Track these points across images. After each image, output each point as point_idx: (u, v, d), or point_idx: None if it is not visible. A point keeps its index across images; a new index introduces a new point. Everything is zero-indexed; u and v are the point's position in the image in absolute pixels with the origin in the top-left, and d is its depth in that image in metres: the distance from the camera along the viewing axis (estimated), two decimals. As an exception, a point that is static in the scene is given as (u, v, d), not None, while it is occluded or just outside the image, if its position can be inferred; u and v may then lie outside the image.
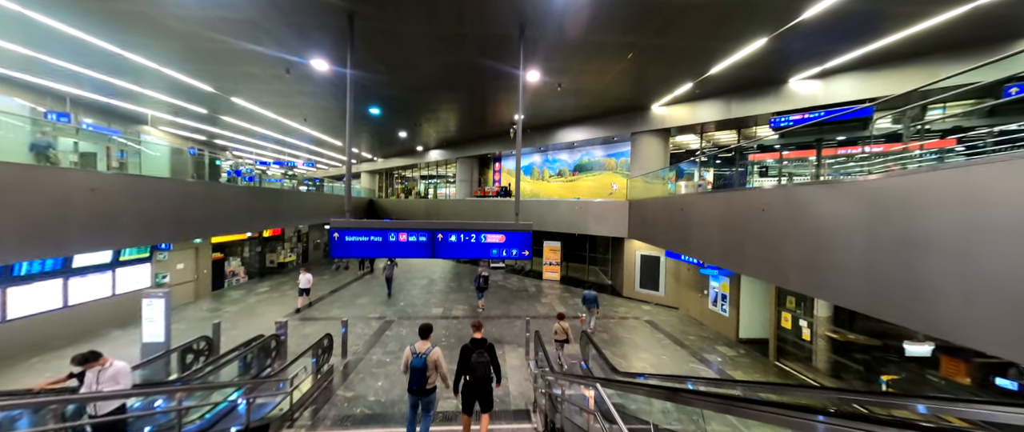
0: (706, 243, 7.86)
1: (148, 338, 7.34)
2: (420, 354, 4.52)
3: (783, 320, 8.83)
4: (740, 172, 11.24)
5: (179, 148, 23.14)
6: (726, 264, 7.08)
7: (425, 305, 13.43)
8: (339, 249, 7.78)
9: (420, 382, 4.46)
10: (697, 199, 8.38)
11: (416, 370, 4.43)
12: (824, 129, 10.75)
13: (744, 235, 6.40)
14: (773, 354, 8.96)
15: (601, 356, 7.15)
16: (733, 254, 6.75)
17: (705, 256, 7.92)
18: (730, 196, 7.01)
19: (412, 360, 4.49)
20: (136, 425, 4.90)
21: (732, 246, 6.77)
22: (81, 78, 12.17)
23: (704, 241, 7.96)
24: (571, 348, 9.56)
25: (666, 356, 9.14)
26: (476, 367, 4.51)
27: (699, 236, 8.21)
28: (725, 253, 7.06)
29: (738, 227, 6.61)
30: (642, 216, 13.01)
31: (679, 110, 13.61)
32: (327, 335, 8.01)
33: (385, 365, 8.37)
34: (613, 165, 17.81)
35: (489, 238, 8.10)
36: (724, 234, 7.09)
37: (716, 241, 7.41)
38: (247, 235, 17.32)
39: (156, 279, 11.98)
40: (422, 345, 4.63)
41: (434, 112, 16.21)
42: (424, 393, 4.54)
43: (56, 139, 10.35)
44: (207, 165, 20.16)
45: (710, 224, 7.68)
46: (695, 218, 8.42)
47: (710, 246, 7.67)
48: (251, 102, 14.43)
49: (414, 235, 8.03)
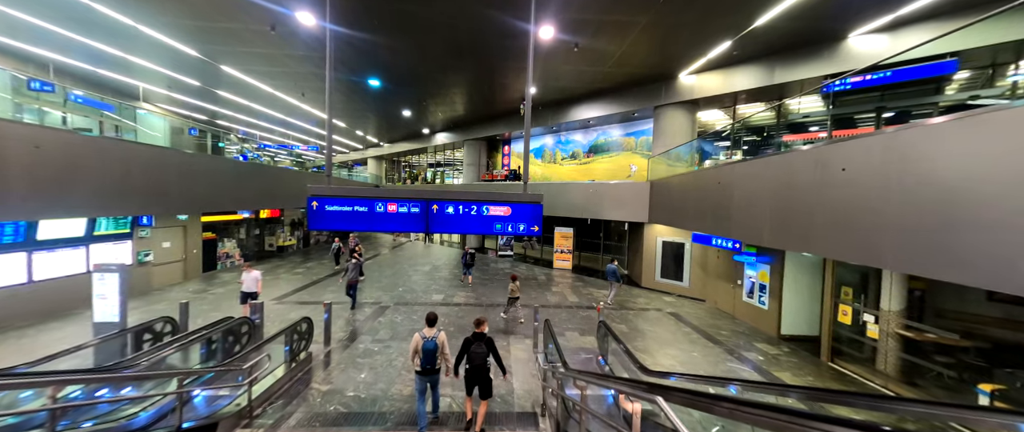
0: (753, 221, 6.51)
1: (100, 317, 6.42)
2: (429, 338, 4.91)
3: (840, 314, 7.44)
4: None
5: (179, 128, 22.58)
6: (784, 243, 5.74)
7: (425, 291, 12.38)
8: (318, 220, 6.69)
9: (431, 363, 4.87)
10: (742, 169, 7.01)
11: (428, 352, 4.84)
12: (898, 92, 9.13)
13: (811, 205, 5.04)
14: (826, 353, 7.59)
15: (628, 354, 5.91)
16: (794, 231, 5.40)
17: (752, 236, 6.58)
18: (789, 159, 5.65)
19: (424, 343, 4.86)
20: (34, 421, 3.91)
21: (793, 221, 5.42)
22: (52, 37, 11.30)
23: (750, 219, 6.61)
24: (582, 340, 8.36)
25: (697, 353, 7.86)
26: (474, 357, 4.89)
27: (744, 214, 6.85)
28: (782, 231, 5.71)
29: (801, 196, 5.25)
30: (666, 197, 11.63)
31: (711, 78, 12.09)
32: (305, 319, 6.97)
33: (372, 355, 7.31)
34: (632, 145, 16.38)
35: (492, 211, 6.91)
36: (780, 207, 5.74)
37: (768, 217, 6.06)
38: (242, 215, 16.52)
39: (138, 257, 11.18)
40: (429, 331, 4.99)
41: (438, 85, 14.99)
42: (433, 373, 4.93)
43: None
44: (210, 148, 19.52)
45: (760, 197, 6.33)
46: (738, 193, 7.05)
47: (759, 224, 6.32)
48: (241, 70, 13.44)
49: (405, 205, 6.88)
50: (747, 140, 12.63)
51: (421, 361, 4.82)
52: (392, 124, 24.26)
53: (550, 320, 7.42)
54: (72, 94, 13.97)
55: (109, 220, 10.35)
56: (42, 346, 7.00)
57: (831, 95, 10.43)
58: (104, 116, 15.33)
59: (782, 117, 11.66)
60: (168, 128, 21.63)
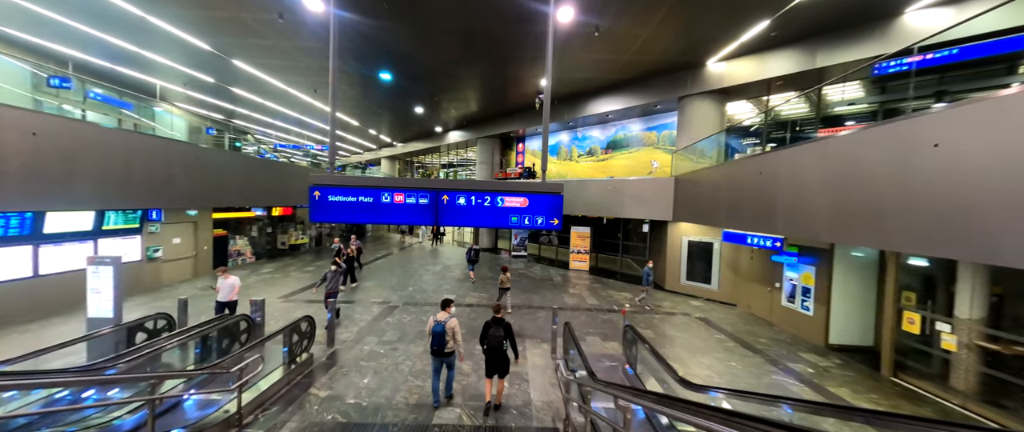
0: (805, 215, 5.70)
1: (94, 313, 6.09)
2: (440, 322, 5.14)
3: (905, 322, 6.51)
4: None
5: (197, 127, 22.83)
6: (848, 238, 4.93)
7: (436, 291, 11.85)
8: (320, 211, 6.21)
9: (441, 344, 5.11)
10: (791, 156, 6.19)
11: (437, 335, 5.10)
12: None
13: (887, 192, 4.24)
14: (888, 367, 6.66)
15: (664, 365, 5.16)
16: (863, 225, 4.60)
17: (805, 232, 5.76)
18: (856, 140, 4.83)
19: (433, 326, 5.14)
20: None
21: (862, 212, 4.61)
22: (67, 31, 11.27)
23: (802, 213, 5.79)
24: (604, 346, 7.63)
25: (735, 363, 7.04)
26: (491, 340, 5.14)
27: (793, 207, 6.04)
28: (844, 225, 4.91)
29: (873, 183, 4.45)
30: (694, 193, 10.79)
31: (742, 65, 11.22)
32: (306, 318, 6.49)
33: (377, 357, 6.77)
34: (653, 139, 15.54)
35: (508, 202, 6.33)
36: (843, 197, 4.93)
37: (825, 210, 5.25)
38: (255, 213, 16.39)
39: (147, 253, 11.01)
40: (442, 315, 5.21)
41: (450, 78, 14.52)
42: (444, 355, 5.17)
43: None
44: (227, 147, 19.58)
45: (815, 187, 5.52)
46: (786, 183, 6.24)
47: (813, 218, 5.51)
48: (253, 65, 13.26)
49: (413, 195, 6.36)
50: (775, 136, 11.69)
51: (432, 343, 5.16)
52: (405, 122, 24.00)
53: (569, 324, 6.73)
54: (91, 91, 14.06)
55: (118, 214, 10.19)
56: (43, 342, 6.72)
57: (880, 80, 9.44)
58: (123, 114, 15.48)
59: (816, 107, 10.69)
60: (186, 127, 22.04)
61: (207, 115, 22.71)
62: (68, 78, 11.96)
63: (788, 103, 11.16)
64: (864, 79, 10.07)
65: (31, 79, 11.44)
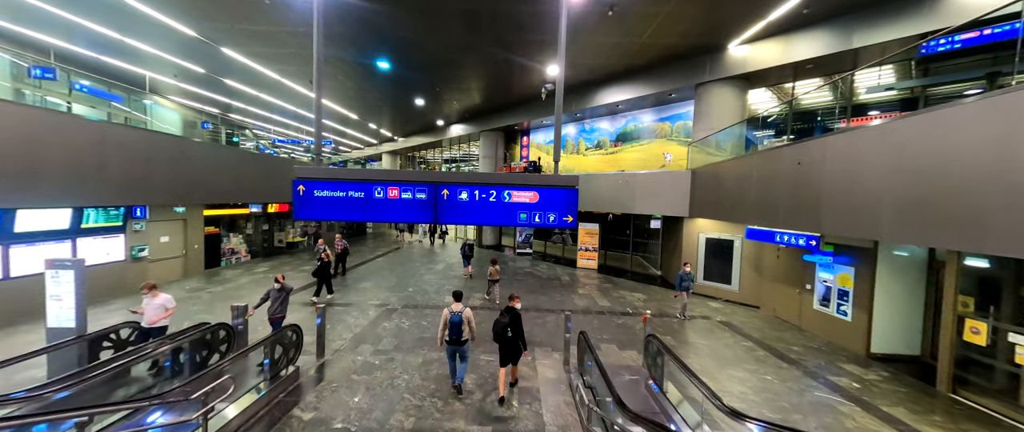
0: (860, 210, 4.92)
1: (54, 322, 5.44)
2: (456, 312, 5.32)
3: (967, 331, 5.73)
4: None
5: (192, 121, 22.17)
6: (928, 240, 4.16)
7: (438, 292, 11.17)
8: (305, 208, 5.53)
9: (458, 334, 5.30)
10: (840, 142, 5.40)
11: (455, 324, 5.28)
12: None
13: (992, 181, 3.47)
14: (946, 381, 5.90)
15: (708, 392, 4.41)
16: (947, 221, 3.83)
17: (861, 229, 4.99)
18: (945, 118, 4.04)
19: (451, 317, 5.29)
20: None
21: (947, 206, 3.84)
22: (47, 17, 10.58)
23: (856, 207, 5.02)
24: (622, 356, 6.92)
25: (771, 376, 6.31)
26: (496, 325, 5.34)
27: (843, 201, 5.26)
28: (917, 222, 4.14)
29: (967, 167, 3.68)
30: (714, 187, 10.00)
31: (767, 48, 10.35)
32: (292, 326, 5.82)
33: (371, 370, 6.10)
34: (667, 131, 14.70)
35: (516, 197, 5.62)
36: (917, 188, 4.16)
37: (891, 203, 4.48)
38: (251, 209, 15.75)
39: (132, 252, 10.40)
40: (457, 306, 5.39)
41: (452, 66, 13.72)
42: (460, 344, 5.34)
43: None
44: (224, 143, 18.90)
45: (873, 177, 4.74)
46: (834, 174, 5.46)
47: (872, 214, 4.74)
48: (243, 53, 12.53)
49: (409, 190, 5.67)
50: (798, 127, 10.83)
51: (449, 332, 5.32)
52: (406, 116, 23.26)
53: (586, 334, 6.02)
54: (77, 83, 13.37)
55: (98, 211, 9.56)
56: (3, 354, 6.12)
57: (924, 61, 8.58)
58: (113, 107, 14.80)
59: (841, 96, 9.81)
60: (181, 121, 21.39)
61: (203, 109, 22.08)
62: (51, 68, 11.26)
63: (834, 84, 10.28)
64: (901, 62, 9.22)
65: (10, 69, 10.79)
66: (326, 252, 10.07)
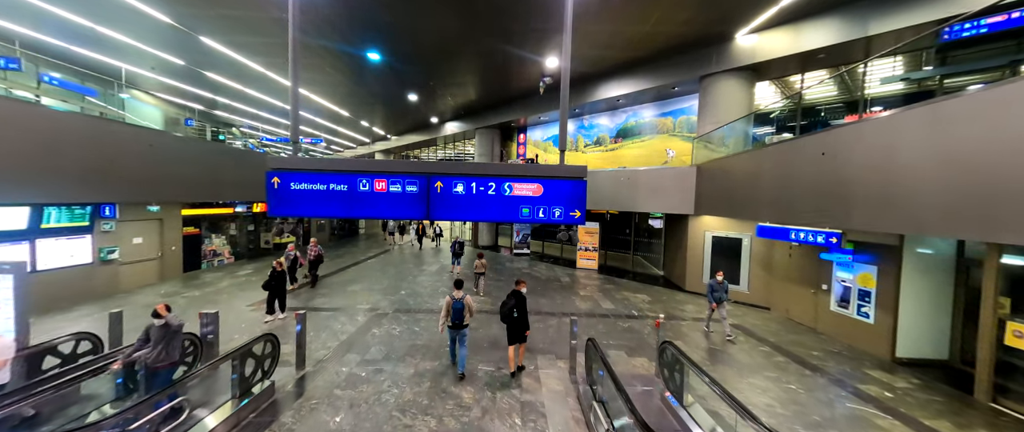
0: (903, 201, 4.42)
1: (-11, 334, 4.76)
2: (458, 299, 5.70)
3: (1009, 335, 5.27)
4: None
5: (174, 118, 21.26)
6: (983, 233, 3.66)
7: (432, 295, 10.55)
8: (281, 203, 4.95)
9: (460, 319, 5.72)
10: (883, 127, 4.90)
11: (457, 310, 5.68)
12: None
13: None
14: (985, 390, 5.43)
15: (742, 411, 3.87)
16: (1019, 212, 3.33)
17: (906, 224, 4.49)
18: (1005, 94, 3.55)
19: (454, 303, 5.67)
20: None
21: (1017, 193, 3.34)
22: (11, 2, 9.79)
23: (898, 198, 4.52)
24: (631, 363, 6.38)
25: (794, 384, 5.80)
26: (503, 307, 5.83)
27: (878, 192, 4.77)
28: (977, 215, 3.64)
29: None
30: (722, 183, 9.52)
31: (777, 37, 9.91)
32: (267, 337, 5.19)
33: (357, 384, 5.48)
34: (669, 126, 14.24)
35: (517, 190, 5.07)
36: (977, 174, 3.66)
37: (941, 194, 3.98)
38: (235, 209, 14.99)
39: (100, 254, 9.64)
40: (458, 294, 5.73)
41: (446, 56, 13.12)
42: (461, 327, 5.77)
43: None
44: (210, 140, 18.06)
45: (922, 164, 4.25)
46: (871, 161, 4.96)
47: (920, 206, 4.24)
48: (222, 42, 11.82)
49: (399, 182, 5.10)
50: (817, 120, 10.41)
51: (451, 318, 5.69)
52: (399, 113, 22.59)
53: (595, 341, 5.46)
54: (46, 75, 12.52)
55: (60, 210, 8.82)
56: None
57: (944, 49, 8.18)
58: (87, 102, 14.00)
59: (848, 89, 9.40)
60: (162, 118, 20.49)
61: (187, 106, 21.23)
62: (15, 58, 10.46)
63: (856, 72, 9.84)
64: (915, 52, 8.81)
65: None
66: (280, 262, 8.30)
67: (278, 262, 8.28)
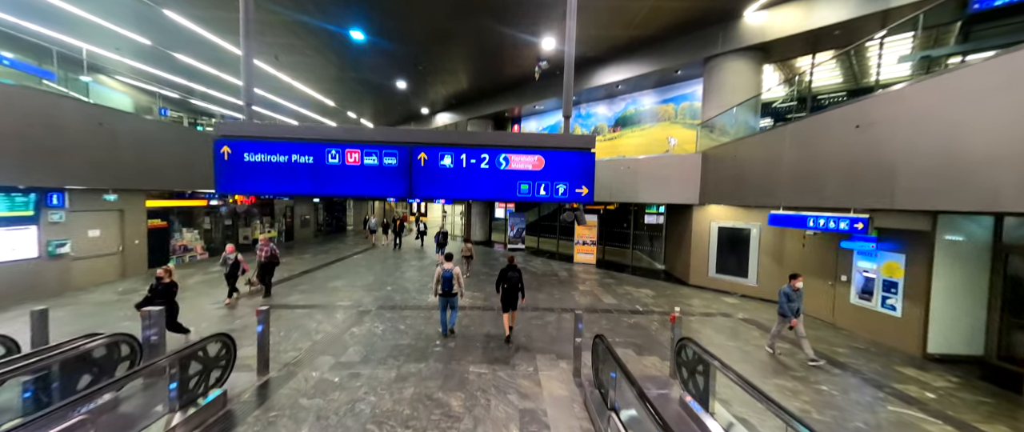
0: (969, 174, 3.79)
1: None
2: (448, 269, 6.21)
3: (1066, 328, 4.70)
4: None
5: (146, 107, 20.01)
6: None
7: (420, 291, 9.77)
8: (233, 178, 4.17)
9: (449, 287, 6.22)
10: (938, 87, 4.26)
11: (446, 279, 6.19)
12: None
13: None
14: (1038, 390, 4.86)
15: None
16: None
17: (971, 200, 3.86)
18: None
19: (444, 273, 6.20)
20: None
21: None
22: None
23: (961, 170, 3.89)
24: (642, 363, 5.70)
25: (826, 385, 5.18)
26: (510, 279, 6.26)
27: (932, 163, 4.13)
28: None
29: None
30: (732, 169, 8.90)
31: (787, 13, 9.32)
32: (220, 336, 4.38)
33: (327, 391, 4.69)
34: (670, 113, 13.62)
35: (514, 162, 4.34)
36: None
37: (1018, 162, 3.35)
38: (207, 201, 13.98)
39: (48, 249, 8.65)
40: (447, 265, 6.26)
41: (437, 38, 12.29)
42: (451, 295, 6.28)
43: None
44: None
45: (993, 129, 3.61)
46: (918, 129, 4.33)
47: (989, 178, 3.61)
48: (189, 17, 10.81)
49: (375, 153, 4.35)
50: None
51: (441, 286, 6.17)
52: (388, 103, 21.65)
53: (604, 338, 4.77)
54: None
55: (0, 197, 7.83)
56: None
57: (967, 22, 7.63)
58: (44, 86, 12.86)
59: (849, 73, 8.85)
60: (132, 106, 19.25)
61: (161, 93, 20.00)
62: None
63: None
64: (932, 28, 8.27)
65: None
66: (168, 269, 5.91)
67: (166, 269, 5.85)
